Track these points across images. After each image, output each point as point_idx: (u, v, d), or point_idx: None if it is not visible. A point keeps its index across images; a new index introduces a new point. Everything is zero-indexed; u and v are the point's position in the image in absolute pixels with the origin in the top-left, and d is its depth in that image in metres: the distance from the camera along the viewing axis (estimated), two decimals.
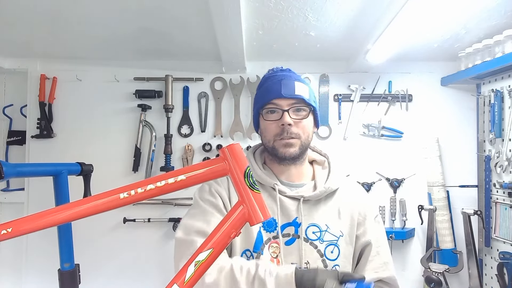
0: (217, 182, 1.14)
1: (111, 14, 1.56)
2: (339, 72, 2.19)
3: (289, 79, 1.10)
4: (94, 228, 2.11)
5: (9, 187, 2.22)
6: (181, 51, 2.04)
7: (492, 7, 1.45)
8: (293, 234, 1.08)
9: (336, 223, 1.10)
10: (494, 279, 1.86)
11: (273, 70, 1.18)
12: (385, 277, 1.08)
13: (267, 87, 1.11)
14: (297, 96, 1.08)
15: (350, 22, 1.60)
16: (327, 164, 1.21)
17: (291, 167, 1.15)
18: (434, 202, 2.07)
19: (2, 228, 0.65)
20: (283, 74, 1.12)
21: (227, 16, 1.37)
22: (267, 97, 1.10)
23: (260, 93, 1.15)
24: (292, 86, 1.08)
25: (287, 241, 1.07)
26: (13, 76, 2.25)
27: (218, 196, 1.11)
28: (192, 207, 1.13)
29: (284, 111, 1.07)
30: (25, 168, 1.39)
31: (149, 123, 2.16)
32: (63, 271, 1.42)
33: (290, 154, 1.09)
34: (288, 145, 1.08)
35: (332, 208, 1.13)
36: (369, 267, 1.09)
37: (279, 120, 1.07)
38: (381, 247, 1.12)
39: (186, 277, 0.68)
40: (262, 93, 1.13)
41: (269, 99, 1.09)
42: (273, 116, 1.09)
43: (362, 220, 1.14)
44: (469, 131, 2.15)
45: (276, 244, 1.06)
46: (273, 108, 1.09)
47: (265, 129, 1.11)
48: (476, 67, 1.86)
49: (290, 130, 1.07)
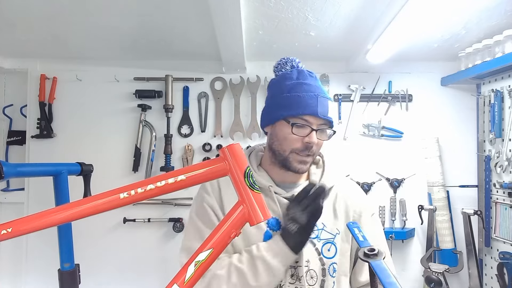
0: (207, 193, 1.12)
1: (111, 14, 1.56)
2: (339, 72, 2.19)
3: (324, 97, 1.06)
4: (94, 228, 2.11)
5: (9, 187, 2.22)
6: (181, 51, 2.04)
7: (492, 7, 1.45)
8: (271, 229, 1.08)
9: (332, 221, 1.11)
10: (494, 279, 1.86)
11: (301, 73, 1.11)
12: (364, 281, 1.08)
13: (302, 99, 1.04)
14: (329, 118, 1.07)
15: (350, 22, 1.60)
16: (322, 163, 1.21)
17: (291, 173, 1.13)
18: (434, 202, 2.06)
19: (2, 228, 0.65)
20: (317, 87, 1.07)
21: (227, 16, 1.37)
22: (301, 110, 1.04)
23: (292, 100, 1.06)
24: (327, 106, 1.06)
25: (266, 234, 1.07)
26: (13, 76, 2.25)
27: (211, 212, 1.10)
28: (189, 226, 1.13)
29: (313, 130, 1.04)
30: (25, 168, 1.39)
31: (149, 123, 2.16)
32: (63, 271, 1.42)
33: (303, 171, 1.09)
34: (303, 162, 1.07)
35: (328, 206, 1.13)
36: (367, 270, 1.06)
37: (305, 137, 1.04)
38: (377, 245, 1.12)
39: (186, 277, 0.68)
40: (294, 102, 1.05)
41: (302, 113, 1.04)
42: (300, 132, 1.04)
43: (357, 218, 1.13)
44: (469, 131, 2.15)
45: None
46: (303, 124, 1.04)
47: (285, 139, 1.06)
48: (476, 67, 1.86)
49: (311, 149, 1.06)
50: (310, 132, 1.04)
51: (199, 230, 1.08)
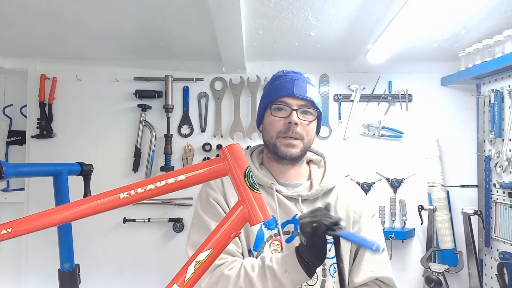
0: (212, 188, 1.13)
1: (111, 14, 1.56)
2: (339, 72, 2.19)
3: (302, 81, 1.11)
4: (94, 228, 2.11)
5: (9, 187, 2.22)
6: (181, 51, 2.04)
7: (492, 7, 1.45)
8: (293, 231, 1.09)
9: None
10: (494, 279, 1.86)
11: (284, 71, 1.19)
12: (381, 276, 1.08)
13: (279, 84, 1.12)
14: (308, 98, 1.09)
15: (350, 22, 1.60)
16: (323, 163, 1.22)
17: (289, 168, 1.16)
18: (434, 202, 2.06)
19: (2, 228, 0.65)
20: (295, 75, 1.13)
21: (227, 16, 1.37)
22: (278, 93, 1.10)
23: (270, 89, 1.15)
24: (305, 88, 1.10)
25: (288, 238, 1.08)
26: (13, 76, 2.25)
27: (217, 205, 1.11)
28: (195, 221, 1.14)
29: (293, 110, 1.08)
30: (25, 168, 1.39)
31: (149, 123, 2.16)
32: (63, 271, 1.42)
33: (291, 155, 1.09)
34: (291, 145, 1.09)
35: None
36: (365, 266, 1.09)
37: (287, 118, 1.08)
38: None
39: (186, 277, 0.68)
40: (273, 89, 1.13)
41: (280, 96, 1.10)
42: (281, 113, 1.10)
43: (357, 218, 1.14)
44: (469, 131, 2.15)
45: (277, 241, 1.07)
46: (282, 105, 1.10)
47: (270, 125, 1.12)
48: (476, 67, 1.86)
49: (295, 130, 1.08)
50: (291, 113, 1.08)
51: (206, 224, 1.08)
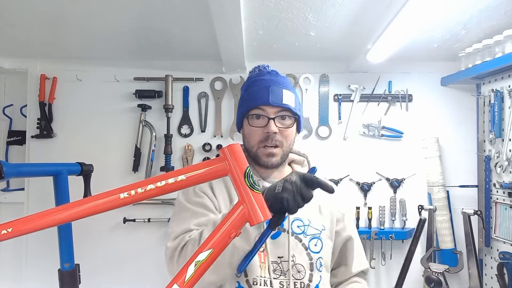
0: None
1: (111, 14, 1.56)
2: (339, 72, 2.19)
3: (277, 86, 1.08)
4: (94, 228, 2.11)
5: (9, 187, 2.22)
6: (181, 51, 2.04)
7: (492, 7, 1.45)
8: (279, 228, 1.08)
9: (317, 218, 1.14)
10: (494, 279, 1.86)
11: (259, 69, 1.16)
12: (365, 268, 1.21)
13: (255, 92, 1.10)
14: (284, 105, 1.08)
15: (350, 22, 1.60)
16: (307, 163, 1.23)
17: (272, 171, 1.16)
18: (434, 202, 2.06)
19: (2, 228, 0.65)
20: (271, 80, 1.10)
21: (227, 16, 1.37)
22: (253, 102, 1.08)
23: (246, 96, 1.12)
24: (280, 94, 1.07)
25: (274, 234, 1.08)
26: (13, 76, 2.25)
27: (204, 195, 1.09)
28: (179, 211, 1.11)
29: (270, 118, 1.07)
30: (25, 168, 1.39)
31: (149, 123, 2.16)
32: (63, 271, 1.42)
33: (272, 164, 1.10)
34: (271, 154, 1.09)
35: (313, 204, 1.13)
36: (356, 262, 1.19)
37: (264, 127, 1.07)
38: (360, 243, 1.22)
39: (187, 277, 0.68)
40: (248, 97, 1.11)
41: (255, 105, 1.08)
42: (258, 122, 1.08)
43: (341, 217, 1.19)
44: (469, 131, 2.15)
45: None
46: (259, 114, 1.08)
47: (249, 135, 1.11)
48: (476, 67, 1.86)
49: (274, 138, 1.08)
50: (268, 122, 1.06)
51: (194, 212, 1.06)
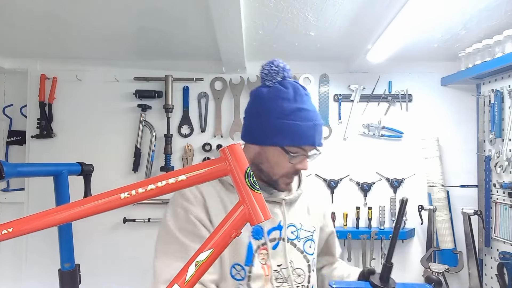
0: (191, 203, 1.02)
1: (111, 14, 1.56)
2: (339, 72, 2.19)
3: (320, 123, 1.03)
4: (94, 228, 2.11)
5: (9, 187, 2.22)
6: (181, 51, 2.04)
7: (492, 7, 1.45)
8: (278, 238, 1.08)
9: (307, 220, 1.15)
10: (494, 279, 1.86)
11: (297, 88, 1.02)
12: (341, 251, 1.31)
13: (301, 128, 0.99)
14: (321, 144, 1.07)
15: (350, 22, 1.60)
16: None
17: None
18: (434, 202, 2.06)
19: (2, 228, 0.65)
20: (314, 112, 1.03)
21: (227, 16, 1.37)
22: (300, 140, 1.00)
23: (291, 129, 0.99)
24: (321, 134, 1.05)
25: (274, 245, 1.07)
26: (13, 76, 2.25)
27: (199, 224, 1.00)
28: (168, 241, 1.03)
29: (307, 157, 1.04)
30: (25, 168, 1.39)
31: (149, 123, 2.16)
32: (64, 271, 1.42)
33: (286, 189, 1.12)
34: (290, 183, 1.10)
35: (301, 206, 1.16)
36: (337, 253, 1.28)
37: (299, 164, 1.04)
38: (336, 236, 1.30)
39: (187, 277, 0.68)
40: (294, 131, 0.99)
41: (301, 144, 1.00)
42: (295, 160, 1.02)
43: (323, 214, 1.24)
44: (469, 131, 2.15)
45: (264, 250, 1.06)
46: (301, 154, 1.02)
47: (278, 165, 1.03)
48: (476, 67, 1.86)
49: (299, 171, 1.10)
50: (304, 160, 1.04)
51: (184, 246, 0.98)
